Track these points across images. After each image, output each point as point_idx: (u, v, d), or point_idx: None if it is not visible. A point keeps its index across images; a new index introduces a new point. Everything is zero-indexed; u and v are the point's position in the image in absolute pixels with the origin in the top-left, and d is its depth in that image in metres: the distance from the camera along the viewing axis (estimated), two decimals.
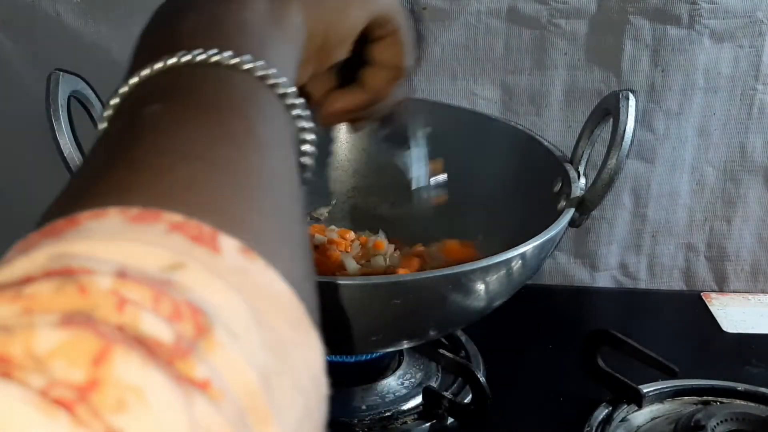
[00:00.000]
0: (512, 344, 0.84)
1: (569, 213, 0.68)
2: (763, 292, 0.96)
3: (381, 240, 0.83)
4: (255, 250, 0.26)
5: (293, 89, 0.35)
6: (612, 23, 0.86)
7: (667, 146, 0.91)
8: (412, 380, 0.76)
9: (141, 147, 0.30)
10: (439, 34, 0.87)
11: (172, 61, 0.34)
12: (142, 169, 0.28)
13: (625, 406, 0.74)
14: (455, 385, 0.76)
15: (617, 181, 0.69)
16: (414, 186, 0.72)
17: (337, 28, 0.45)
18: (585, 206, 0.69)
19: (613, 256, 0.95)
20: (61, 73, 0.70)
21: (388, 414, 0.72)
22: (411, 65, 0.51)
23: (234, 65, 0.34)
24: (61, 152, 0.70)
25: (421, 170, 0.71)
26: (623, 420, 0.74)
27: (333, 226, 0.85)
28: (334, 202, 0.87)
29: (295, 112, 0.36)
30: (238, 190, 0.29)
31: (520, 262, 0.63)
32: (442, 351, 0.73)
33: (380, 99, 0.52)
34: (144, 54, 0.37)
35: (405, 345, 0.71)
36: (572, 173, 0.72)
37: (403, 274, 0.76)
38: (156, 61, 0.34)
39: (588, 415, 0.73)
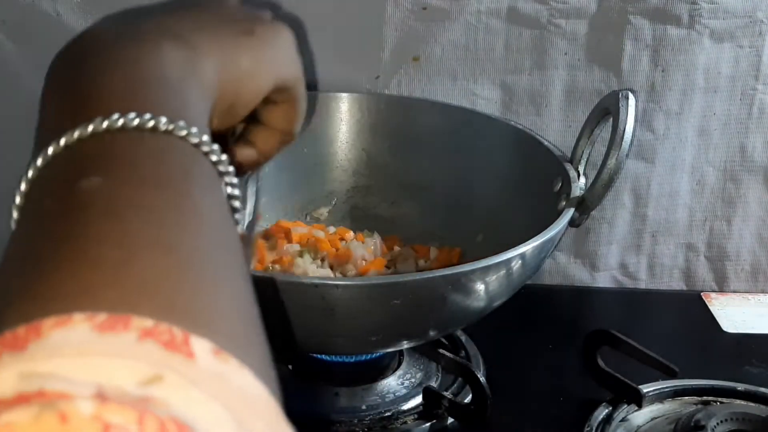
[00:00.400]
0: (512, 344, 0.84)
1: (569, 213, 0.68)
2: (763, 292, 0.96)
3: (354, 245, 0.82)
4: (227, 349, 0.26)
5: (225, 156, 0.35)
6: (612, 23, 0.86)
7: (667, 146, 0.91)
8: (412, 380, 0.76)
9: (91, 234, 0.28)
10: (439, 34, 0.87)
11: (104, 124, 0.32)
12: (99, 264, 0.27)
13: (625, 406, 0.74)
14: (455, 385, 0.76)
15: (617, 181, 0.69)
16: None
17: (246, 90, 0.44)
18: (585, 206, 0.69)
19: (613, 256, 0.95)
20: None
21: (388, 414, 0.72)
22: (299, 131, 0.52)
23: (170, 131, 0.33)
24: None
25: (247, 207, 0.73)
26: (623, 420, 0.74)
27: (332, 227, 0.85)
28: (334, 202, 0.87)
29: (228, 179, 0.35)
30: (199, 282, 0.28)
31: (520, 262, 0.63)
32: (442, 351, 0.73)
33: (266, 158, 0.52)
34: (58, 114, 0.34)
35: (405, 345, 0.71)
36: (572, 173, 0.72)
37: (403, 273, 0.76)
38: (84, 123, 0.32)
39: (588, 415, 0.73)
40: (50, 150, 0.32)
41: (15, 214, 0.32)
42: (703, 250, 0.95)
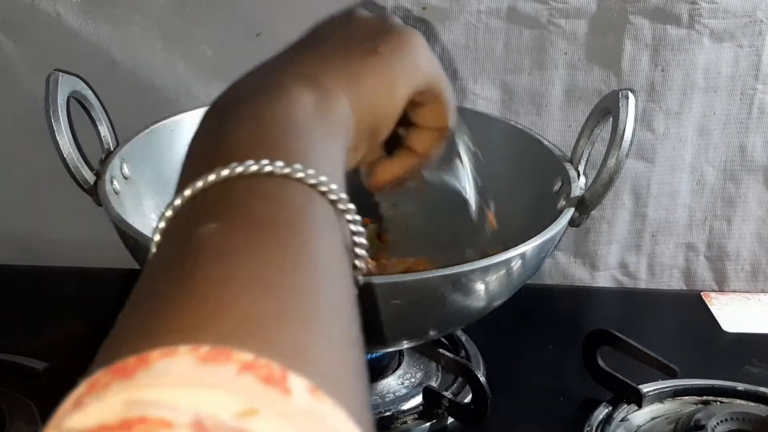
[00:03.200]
0: (512, 344, 0.84)
1: (569, 213, 0.68)
2: (763, 292, 0.96)
3: None
4: (323, 389, 0.26)
5: (344, 195, 0.36)
6: (612, 23, 0.86)
7: (667, 146, 0.91)
8: (412, 380, 0.76)
9: (202, 276, 0.30)
10: (439, 34, 0.87)
11: (224, 173, 0.34)
12: (207, 301, 0.28)
13: (625, 406, 0.74)
14: (455, 385, 0.76)
15: (617, 181, 0.69)
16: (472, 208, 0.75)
17: (384, 110, 0.46)
18: (585, 206, 0.69)
19: (613, 256, 0.95)
20: (61, 73, 0.70)
21: (388, 414, 0.72)
22: (454, 123, 0.52)
23: (286, 174, 0.34)
24: (60, 152, 0.70)
25: (471, 189, 0.74)
26: (623, 420, 0.74)
27: None
28: None
29: (348, 216, 0.36)
30: (303, 322, 0.29)
31: (520, 262, 0.63)
32: (442, 351, 0.73)
33: (428, 159, 0.53)
34: (194, 164, 0.37)
35: (405, 345, 0.71)
36: (572, 173, 0.72)
37: (403, 274, 0.76)
38: (208, 173, 0.34)
39: (588, 415, 0.73)
40: (177, 200, 0.34)
41: (152, 249, 0.34)
42: (703, 249, 0.95)
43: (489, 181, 0.81)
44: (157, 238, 0.34)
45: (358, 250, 0.37)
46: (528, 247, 0.62)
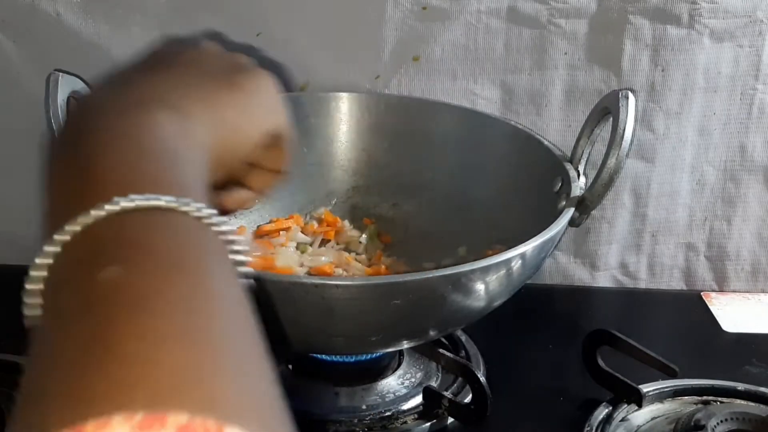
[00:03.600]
0: (512, 344, 0.84)
1: (569, 212, 0.68)
2: (763, 292, 0.96)
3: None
4: None
5: (232, 228, 0.35)
6: (612, 23, 0.86)
7: (667, 146, 0.91)
8: (412, 380, 0.76)
9: (121, 330, 0.28)
10: (439, 34, 0.87)
11: (113, 208, 0.32)
12: (130, 361, 0.27)
13: (625, 405, 0.74)
14: (455, 385, 0.76)
15: (617, 181, 0.69)
16: None
17: (236, 145, 0.46)
18: (585, 206, 0.69)
19: (613, 256, 0.95)
20: (60, 73, 0.70)
21: (388, 414, 0.72)
22: (290, 168, 0.53)
23: (175, 209, 0.33)
24: None
25: None
26: (623, 420, 0.74)
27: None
28: (334, 201, 0.87)
29: (234, 246, 0.35)
30: (226, 371, 0.29)
31: (520, 262, 0.63)
32: (442, 351, 0.73)
33: (260, 197, 0.54)
34: (66, 194, 0.35)
35: (405, 345, 0.71)
36: (572, 173, 0.72)
37: (404, 274, 0.76)
38: (91, 207, 0.32)
39: (588, 415, 0.73)
40: (59, 238, 0.32)
41: (31, 304, 0.33)
42: (703, 249, 0.95)
43: (489, 180, 0.82)
44: (41, 273, 0.33)
45: (243, 281, 0.36)
46: (528, 247, 0.62)
